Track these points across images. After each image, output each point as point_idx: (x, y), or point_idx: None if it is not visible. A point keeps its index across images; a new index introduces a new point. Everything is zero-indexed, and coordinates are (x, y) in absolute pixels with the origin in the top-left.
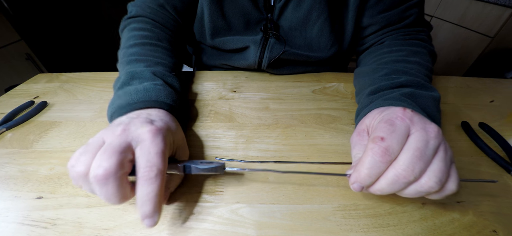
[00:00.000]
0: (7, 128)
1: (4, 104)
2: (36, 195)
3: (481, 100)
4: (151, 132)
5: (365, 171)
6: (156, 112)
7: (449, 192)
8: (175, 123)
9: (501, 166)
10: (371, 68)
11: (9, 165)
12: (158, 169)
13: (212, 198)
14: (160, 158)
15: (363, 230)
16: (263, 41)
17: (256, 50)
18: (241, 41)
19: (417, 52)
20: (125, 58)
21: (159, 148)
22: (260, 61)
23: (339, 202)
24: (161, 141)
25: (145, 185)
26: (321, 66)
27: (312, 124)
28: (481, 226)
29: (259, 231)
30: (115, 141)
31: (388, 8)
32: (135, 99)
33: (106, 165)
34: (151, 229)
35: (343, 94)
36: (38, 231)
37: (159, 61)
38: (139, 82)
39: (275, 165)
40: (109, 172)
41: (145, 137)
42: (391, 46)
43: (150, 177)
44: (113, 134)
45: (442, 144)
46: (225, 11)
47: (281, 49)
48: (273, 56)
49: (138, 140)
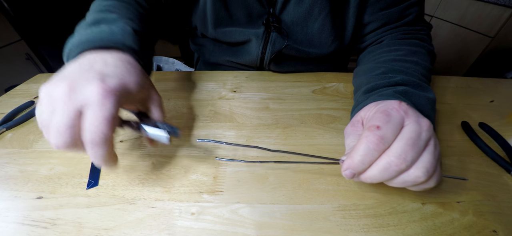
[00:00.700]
0: (7, 128)
1: (4, 104)
2: (36, 195)
3: (481, 100)
4: (100, 94)
5: (358, 158)
6: (114, 59)
7: (430, 186)
8: (137, 73)
9: (501, 166)
10: (368, 67)
11: (9, 165)
12: (104, 135)
13: (212, 198)
14: (106, 125)
15: (363, 230)
16: (265, 35)
17: (259, 44)
18: (243, 33)
19: (416, 51)
20: (96, 10)
21: (108, 113)
22: (262, 56)
23: (339, 202)
24: (111, 106)
25: (92, 150)
26: (321, 64)
27: (312, 124)
28: (481, 226)
29: (259, 231)
30: (64, 117)
31: (389, 5)
32: (98, 38)
33: (59, 143)
34: (150, 229)
35: (343, 94)
36: (38, 231)
37: (131, 17)
38: (107, 25)
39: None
40: (65, 147)
41: (94, 100)
42: (390, 45)
43: (96, 143)
44: (61, 100)
45: (432, 138)
46: (228, 3)
47: (283, 42)
48: (275, 49)
49: (86, 102)
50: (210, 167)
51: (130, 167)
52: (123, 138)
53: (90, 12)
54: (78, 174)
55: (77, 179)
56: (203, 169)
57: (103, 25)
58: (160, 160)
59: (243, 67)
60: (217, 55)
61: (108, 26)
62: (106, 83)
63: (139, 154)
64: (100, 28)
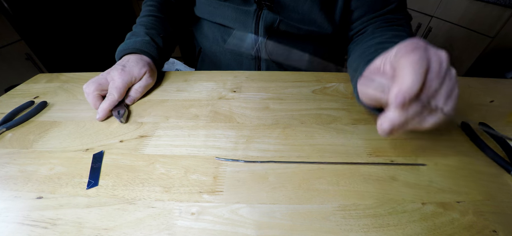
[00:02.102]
0: (7, 128)
1: (4, 104)
2: (36, 195)
3: (481, 100)
4: (116, 74)
5: (411, 76)
6: (134, 58)
7: (447, 112)
8: (141, 65)
9: (501, 166)
10: (357, 54)
11: (9, 165)
12: (113, 94)
13: (212, 198)
14: (114, 90)
15: (363, 230)
16: (257, 12)
17: (251, 22)
18: (235, 10)
19: (399, 35)
20: (137, 23)
21: (117, 84)
22: (257, 34)
23: (339, 202)
24: (121, 80)
25: (106, 100)
26: (319, 47)
27: (312, 124)
28: (481, 226)
29: (259, 231)
30: (116, 80)
31: None
32: (130, 47)
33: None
34: (150, 229)
35: (343, 94)
36: (38, 231)
37: (154, 26)
38: (136, 38)
39: (272, 159)
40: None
41: (115, 77)
42: (374, 33)
43: (108, 97)
44: (116, 72)
45: (452, 68)
46: None
47: (276, 18)
48: (268, 25)
49: (112, 78)
50: (210, 167)
51: (130, 167)
52: (123, 138)
53: (135, 25)
54: (78, 174)
55: (77, 179)
56: (203, 169)
57: (134, 38)
58: (160, 160)
59: (241, 59)
60: (212, 41)
61: (136, 38)
62: (123, 70)
63: (139, 154)
64: (132, 40)
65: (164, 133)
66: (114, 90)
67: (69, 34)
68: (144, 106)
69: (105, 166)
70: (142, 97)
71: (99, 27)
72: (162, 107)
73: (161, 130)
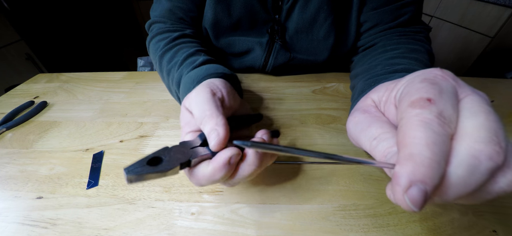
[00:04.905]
0: (7, 128)
1: (4, 104)
2: (36, 195)
3: None
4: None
5: (426, 153)
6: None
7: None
8: (226, 88)
9: None
10: (364, 68)
11: (9, 165)
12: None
13: (212, 198)
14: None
15: (363, 230)
16: (269, 43)
17: (262, 53)
18: (246, 42)
19: (414, 49)
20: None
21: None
22: (265, 64)
23: (339, 202)
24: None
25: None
26: (325, 70)
27: (312, 124)
28: (481, 226)
29: (259, 231)
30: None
31: (381, 4)
32: (202, 74)
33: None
34: (150, 229)
35: (343, 94)
36: (38, 231)
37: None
38: (200, 62)
39: (283, 159)
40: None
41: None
42: (385, 46)
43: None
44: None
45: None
46: (232, 11)
47: (287, 56)
48: (278, 62)
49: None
50: None
51: None
52: (123, 138)
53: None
54: (78, 174)
55: (77, 179)
56: None
57: (201, 66)
58: None
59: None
60: (219, 60)
61: (204, 64)
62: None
63: (139, 154)
64: (205, 66)
65: (164, 133)
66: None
67: (69, 34)
68: (144, 106)
69: (105, 166)
70: (142, 98)
71: (99, 27)
72: (162, 107)
73: (161, 130)
